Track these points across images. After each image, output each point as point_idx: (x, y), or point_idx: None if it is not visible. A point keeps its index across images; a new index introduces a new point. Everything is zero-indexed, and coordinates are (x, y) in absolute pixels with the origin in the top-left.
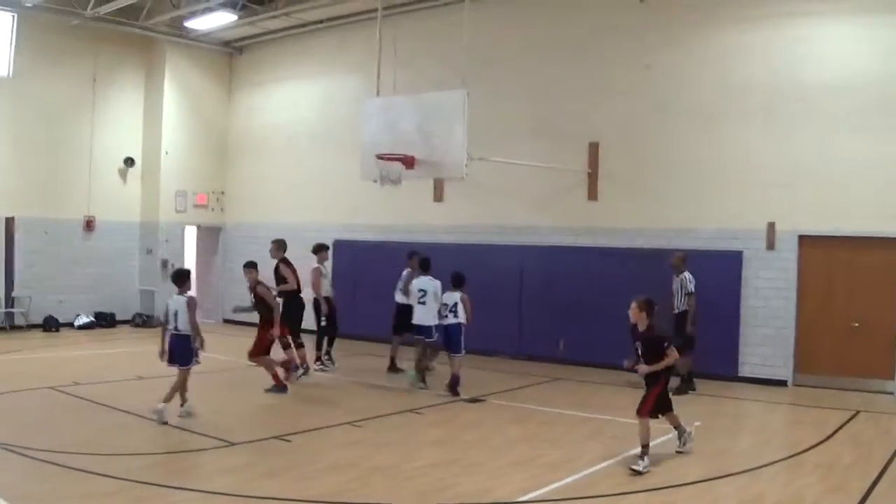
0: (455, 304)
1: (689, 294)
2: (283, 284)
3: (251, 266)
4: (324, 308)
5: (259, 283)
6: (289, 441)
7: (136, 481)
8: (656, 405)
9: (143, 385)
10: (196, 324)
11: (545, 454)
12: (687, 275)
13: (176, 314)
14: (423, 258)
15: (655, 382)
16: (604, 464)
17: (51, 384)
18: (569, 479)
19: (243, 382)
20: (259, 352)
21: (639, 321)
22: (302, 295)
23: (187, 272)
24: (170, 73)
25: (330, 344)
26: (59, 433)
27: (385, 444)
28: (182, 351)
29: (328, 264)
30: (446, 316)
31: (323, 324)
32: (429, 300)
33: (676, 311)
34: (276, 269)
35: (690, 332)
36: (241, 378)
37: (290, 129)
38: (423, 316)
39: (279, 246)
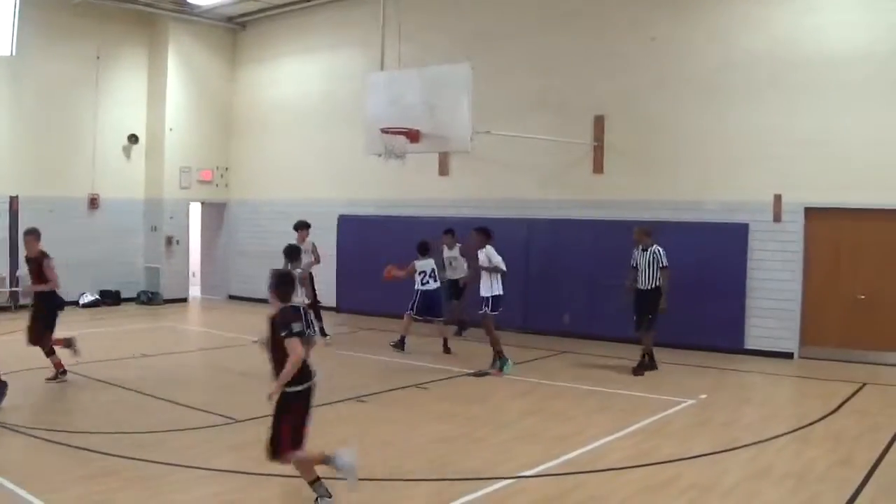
0: (433, 271)
1: (662, 268)
2: (43, 284)
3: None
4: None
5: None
6: None
7: (141, 459)
8: (294, 439)
9: (148, 363)
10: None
11: (552, 428)
12: (658, 248)
13: None
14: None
15: (285, 407)
16: (610, 437)
17: None
18: (575, 453)
19: (248, 358)
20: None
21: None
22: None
23: (299, 248)
24: (173, 49)
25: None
26: (63, 412)
27: (390, 419)
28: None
29: (310, 241)
30: (427, 282)
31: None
32: None
33: (646, 287)
34: (38, 265)
35: (664, 310)
36: (246, 354)
37: (295, 104)
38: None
39: (36, 237)
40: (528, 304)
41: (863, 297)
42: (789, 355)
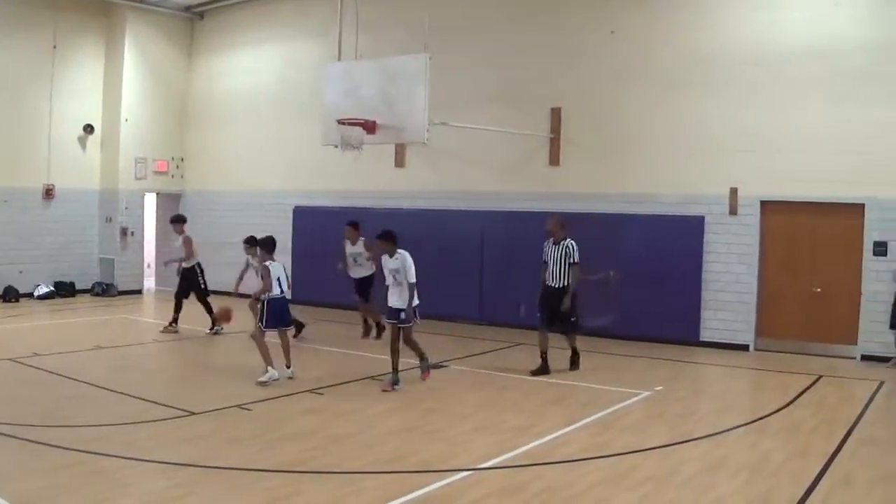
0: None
1: (572, 264)
2: None
3: None
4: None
5: None
6: (250, 410)
7: (97, 453)
8: None
9: (103, 355)
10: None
11: (507, 420)
12: (571, 243)
13: (279, 279)
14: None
15: None
16: (567, 429)
17: (10, 356)
18: (531, 445)
19: (204, 351)
20: None
21: None
22: None
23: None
24: (130, 38)
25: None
26: (17, 405)
27: (346, 412)
28: (287, 313)
29: (185, 235)
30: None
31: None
32: None
33: (555, 284)
34: None
35: (566, 309)
36: (202, 347)
37: (251, 94)
38: None
39: None
40: (483, 296)
41: (818, 290)
42: (745, 347)
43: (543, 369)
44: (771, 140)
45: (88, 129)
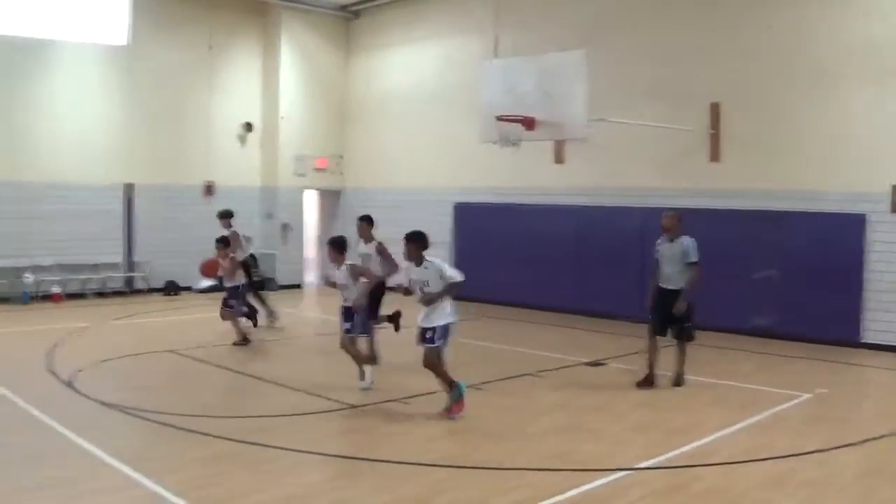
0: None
1: (690, 264)
2: None
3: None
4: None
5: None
6: (408, 404)
7: (255, 444)
8: None
9: (265, 348)
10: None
11: (667, 419)
12: (688, 240)
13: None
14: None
15: None
16: (727, 430)
17: (171, 347)
18: (691, 445)
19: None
20: None
21: None
22: None
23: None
24: (286, 38)
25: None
26: (179, 396)
27: (506, 408)
28: None
29: (230, 232)
30: None
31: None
32: None
33: (670, 286)
34: None
35: (679, 312)
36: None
37: (409, 92)
38: None
39: None
40: (643, 294)
41: None
42: None
43: (649, 380)
44: None
45: (248, 127)
